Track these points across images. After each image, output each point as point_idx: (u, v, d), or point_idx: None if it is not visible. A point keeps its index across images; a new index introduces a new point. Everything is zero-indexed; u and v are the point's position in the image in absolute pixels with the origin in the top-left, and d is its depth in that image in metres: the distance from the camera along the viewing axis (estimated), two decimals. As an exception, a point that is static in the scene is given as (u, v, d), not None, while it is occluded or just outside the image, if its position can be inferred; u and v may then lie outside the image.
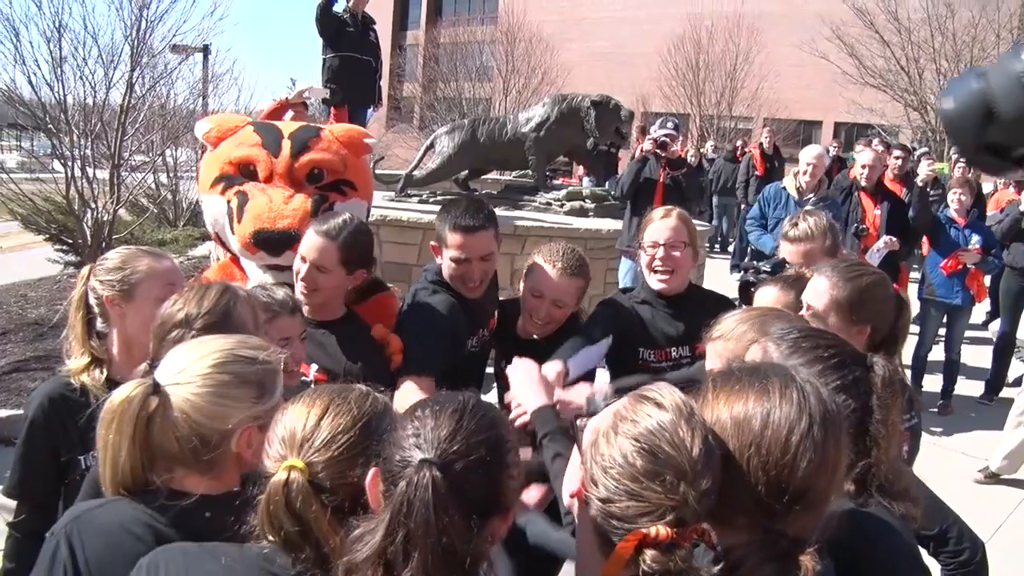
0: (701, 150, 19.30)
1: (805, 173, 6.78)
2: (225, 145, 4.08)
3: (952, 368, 7.78)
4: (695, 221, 3.70)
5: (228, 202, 3.84)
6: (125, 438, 1.78)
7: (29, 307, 9.17)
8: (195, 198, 12.92)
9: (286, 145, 4.03)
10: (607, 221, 8.91)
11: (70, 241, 10.25)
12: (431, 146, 9.61)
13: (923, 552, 2.14)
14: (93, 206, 9.68)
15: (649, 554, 1.28)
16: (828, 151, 15.12)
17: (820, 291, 2.66)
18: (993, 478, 6.19)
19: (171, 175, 14.24)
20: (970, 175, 9.46)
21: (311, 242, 3.12)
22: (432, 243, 3.42)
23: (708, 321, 2.44)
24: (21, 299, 9.53)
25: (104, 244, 9.55)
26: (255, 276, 3.78)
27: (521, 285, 3.45)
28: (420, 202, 9.07)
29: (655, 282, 3.40)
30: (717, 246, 16.59)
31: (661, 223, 3.41)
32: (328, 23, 9.30)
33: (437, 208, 3.85)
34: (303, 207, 3.75)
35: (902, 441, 1.81)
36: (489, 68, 33.80)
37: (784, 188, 6.95)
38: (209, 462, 1.83)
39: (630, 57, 40.75)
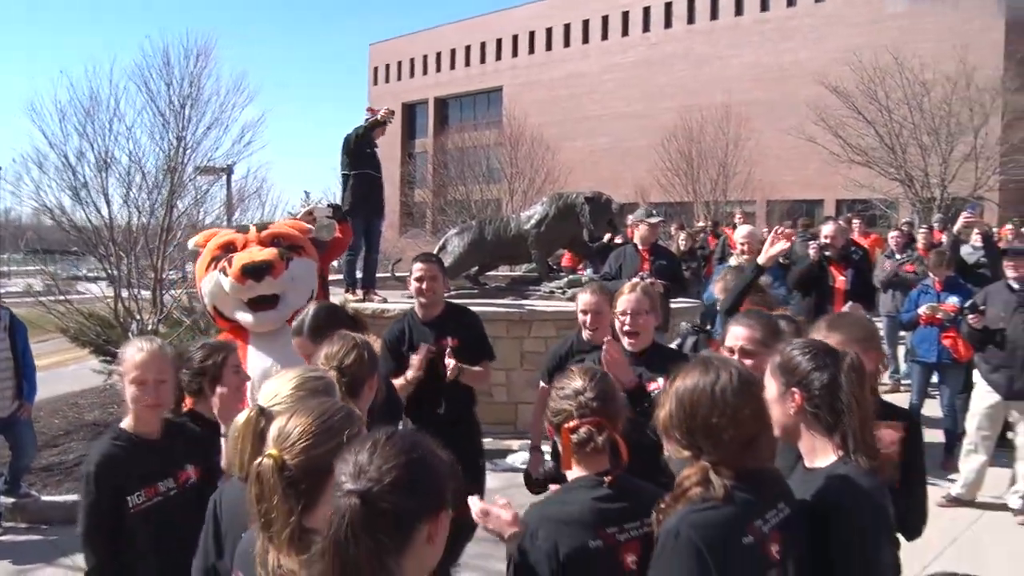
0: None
1: (742, 252, 7.67)
2: (210, 243, 5.79)
3: (948, 424, 8.13)
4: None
5: (220, 270, 5.44)
6: (248, 447, 2.40)
7: (84, 411, 10.08)
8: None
9: (252, 227, 5.84)
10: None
11: (116, 351, 11.20)
12: (443, 247, 10.55)
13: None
14: (138, 317, 10.65)
15: (574, 435, 2.50)
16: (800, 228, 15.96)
17: (743, 335, 3.55)
18: (955, 502, 6.97)
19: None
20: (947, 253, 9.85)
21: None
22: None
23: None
24: (74, 406, 10.43)
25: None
26: (246, 320, 5.36)
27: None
28: (435, 297, 9.94)
29: (626, 344, 4.25)
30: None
31: (628, 296, 4.30)
32: (359, 148, 10.09)
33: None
34: (272, 251, 5.44)
35: (871, 412, 2.60)
36: (495, 171, 35.13)
37: (730, 264, 7.82)
38: None
39: (629, 151, 42.39)
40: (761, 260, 4.95)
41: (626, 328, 4.22)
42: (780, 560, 2.29)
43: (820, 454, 2.52)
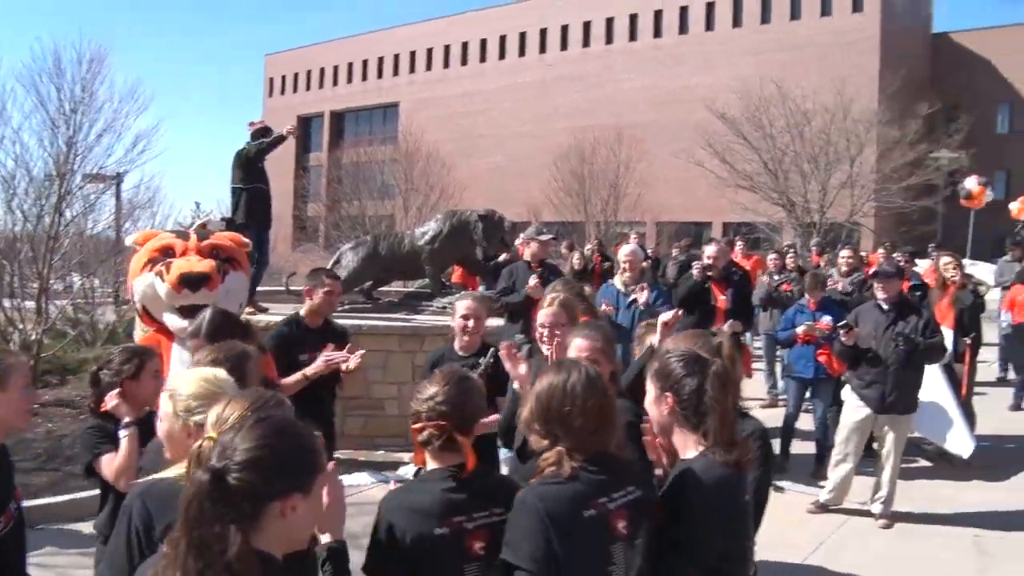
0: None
1: (624, 271, 7.95)
2: (149, 243, 5.94)
3: (820, 435, 8.52)
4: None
5: (157, 273, 5.61)
6: None
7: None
8: (110, 320, 13.47)
9: (192, 235, 6.02)
10: (494, 321, 9.90)
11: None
12: (337, 261, 10.57)
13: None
14: (20, 327, 10.36)
15: (419, 436, 2.77)
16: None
17: (584, 346, 3.82)
18: (823, 508, 7.36)
19: (88, 300, 14.79)
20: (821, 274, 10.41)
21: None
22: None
23: None
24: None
25: (32, 363, 10.21)
26: (174, 324, 5.48)
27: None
28: (328, 311, 9.95)
29: (546, 352, 4.47)
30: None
31: (547, 310, 4.54)
32: (255, 163, 10.04)
33: (345, 317, 5.45)
34: (211, 263, 5.65)
35: (732, 414, 2.88)
36: (390, 187, 35.06)
37: (613, 284, 8.11)
38: None
39: (522, 170, 42.99)
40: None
41: (544, 339, 4.47)
42: (627, 536, 2.64)
43: (688, 448, 2.82)
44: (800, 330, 8.45)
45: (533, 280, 8.33)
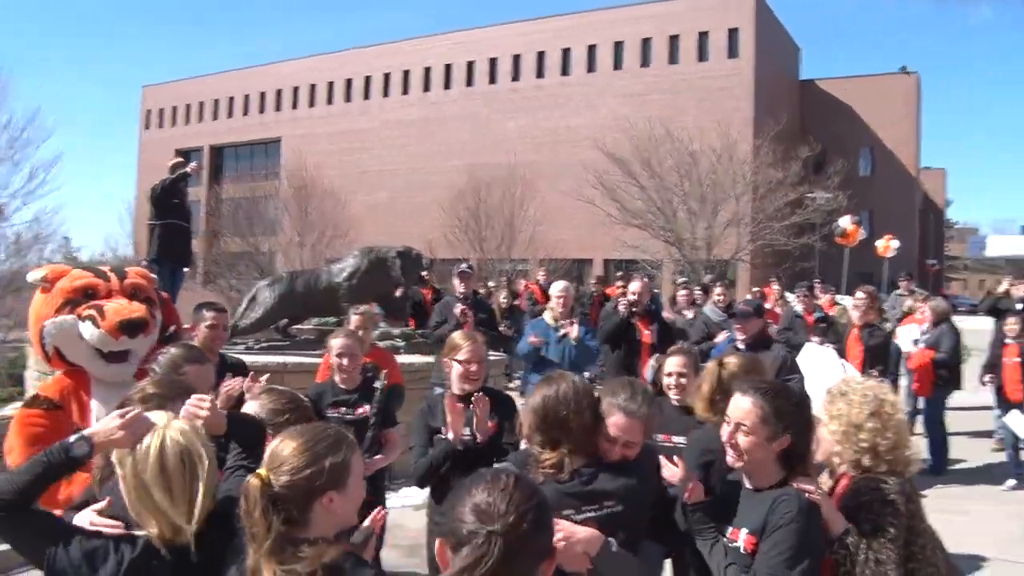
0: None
1: (558, 305, 8.11)
2: (62, 282, 5.46)
3: None
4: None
5: (81, 317, 5.25)
6: None
7: None
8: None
9: (111, 274, 5.65)
10: (416, 356, 9.90)
11: None
12: (253, 298, 10.35)
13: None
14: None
15: None
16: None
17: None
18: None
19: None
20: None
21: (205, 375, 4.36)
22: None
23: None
24: None
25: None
26: (99, 372, 5.21)
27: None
28: (246, 349, 9.72)
29: (465, 387, 4.52)
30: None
31: (471, 346, 4.60)
32: (165, 199, 9.80)
33: (262, 355, 5.33)
34: (144, 308, 5.40)
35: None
36: (275, 222, 34.40)
37: (543, 319, 8.26)
38: None
39: (409, 207, 42.97)
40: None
41: (470, 376, 4.55)
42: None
43: (773, 479, 2.89)
44: None
45: (458, 308, 8.50)
